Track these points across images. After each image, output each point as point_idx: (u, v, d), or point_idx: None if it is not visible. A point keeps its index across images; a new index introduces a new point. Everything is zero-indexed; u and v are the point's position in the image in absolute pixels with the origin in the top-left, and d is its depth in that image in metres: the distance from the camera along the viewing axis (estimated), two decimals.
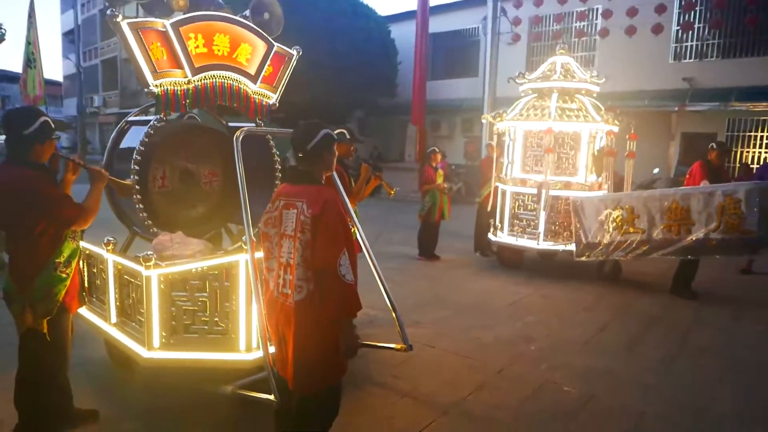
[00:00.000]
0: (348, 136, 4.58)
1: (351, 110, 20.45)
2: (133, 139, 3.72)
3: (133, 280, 3.31)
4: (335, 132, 4.57)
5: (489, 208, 7.74)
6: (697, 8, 14.14)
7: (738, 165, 12.91)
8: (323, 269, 2.24)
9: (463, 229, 9.18)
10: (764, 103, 13.20)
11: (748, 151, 14.42)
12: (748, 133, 14.45)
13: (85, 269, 3.71)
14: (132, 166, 3.48)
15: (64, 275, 2.75)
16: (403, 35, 19.62)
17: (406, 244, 8.46)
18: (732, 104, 13.72)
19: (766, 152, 14.12)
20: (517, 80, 7.66)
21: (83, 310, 3.66)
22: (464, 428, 3.20)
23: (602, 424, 3.30)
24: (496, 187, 7.66)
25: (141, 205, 3.52)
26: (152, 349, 3.15)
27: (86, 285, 3.73)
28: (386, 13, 21.19)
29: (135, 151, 3.50)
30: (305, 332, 2.30)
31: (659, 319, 5.43)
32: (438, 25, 19.70)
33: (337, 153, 4.47)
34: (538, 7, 14.04)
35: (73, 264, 2.82)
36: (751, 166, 13.35)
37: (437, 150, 7.94)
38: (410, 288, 6.28)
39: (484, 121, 8.54)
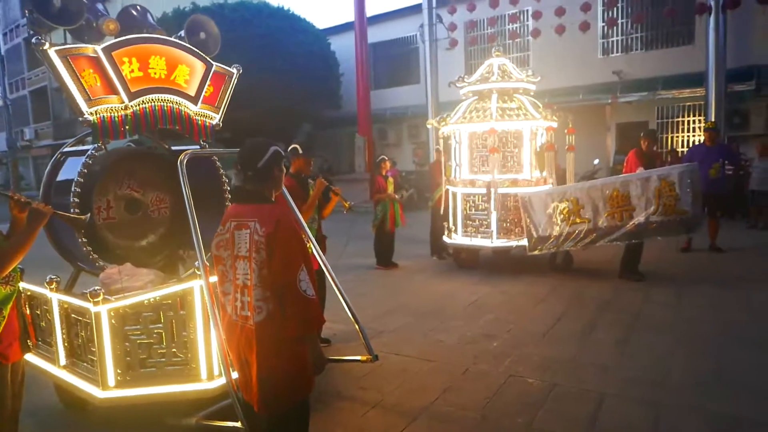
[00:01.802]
0: (300, 151, 4.57)
1: (298, 125, 20.37)
2: (71, 170, 3.57)
3: (81, 318, 3.17)
4: (289, 148, 4.58)
5: (442, 211, 7.87)
6: (619, 4, 14.95)
7: (669, 150, 13.64)
8: (283, 287, 2.21)
9: (418, 234, 9.27)
10: (688, 90, 14.04)
11: (678, 136, 15.27)
12: (676, 119, 15.32)
13: (28, 312, 3.51)
14: (71, 199, 3.34)
15: None
16: (344, 47, 19.76)
17: (363, 255, 8.46)
18: (659, 93, 14.52)
19: (693, 135, 15.00)
20: (457, 84, 7.84)
21: (29, 356, 3.46)
22: None
23: (567, 409, 3.40)
24: (447, 190, 7.80)
25: (85, 239, 3.38)
26: (107, 388, 3.02)
27: (32, 328, 3.53)
28: (324, 26, 21.26)
29: (74, 183, 3.37)
30: (268, 353, 2.26)
31: (611, 303, 5.65)
32: (377, 34, 19.96)
33: (293, 169, 4.48)
34: (471, 12, 14.49)
35: (5, 310, 2.56)
36: (680, 150, 14.17)
37: (386, 158, 8.01)
38: (371, 298, 6.28)
39: (429, 126, 8.68)
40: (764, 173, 9.78)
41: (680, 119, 15.26)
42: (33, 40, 3.09)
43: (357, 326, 3.50)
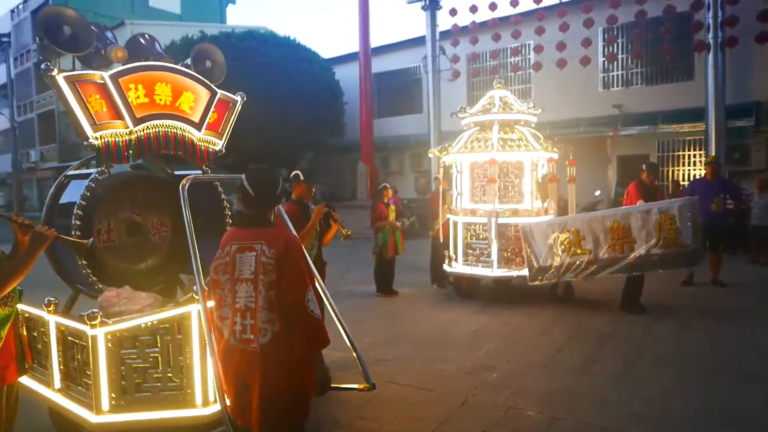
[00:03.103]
0: (302, 177, 4.61)
1: (301, 151, 20.56)
2: (74, 193, 3.60)
3: (77, 341, 3.14)
4: (291, 174, 4.63)
5: (442, 240, 7.87)
6: (619, 40, 15.24)
7: (670, 183, 13.69)
8: (291, 306, 2.24)
9: (419, 262, 9.25)
10: (688, 125, 14.18)
11: (678, 169, 15.36)
12: (676, 153, 15.44)
13: (25, 333, 3.49)
14: (73, 222, 3.36)
15: None
16: (348, 76, 20.09)
17: (363, 283, 8.43)
18: (660, 127, 14.67)
19: (693, 169, 15.08)
20: (459, 115, 7.94)
21: (24, 378, 3.43)
22: None
23: None
24: (448, 219, 7.81)
25: (84, 261, 3.39)
26: (101, 412, 2.98)
27: (29, 350, 3.50)
28: (329, 56, 21.69)
29: (76, 206, 3.39)
30: (273, 374, 2.27)
31: (612, 335, 5.60)
32: (381, 65, 20.32)
33: (295, 195, 4.52)
34: (474, 44, 14.79)
35: (3, 331, 2.58)
36: (681, 183, 14.23)
37: (388, 186, 8.06)
38: (370, 325, 6.24)
39: (431, 155, 8.76)
40: (764, 209, 9.79)
41: (681, 153, 15.38)
42: (42, 66, 3.16)
43: (355, 354, 3.45)
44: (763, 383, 4.21)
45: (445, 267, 7.81)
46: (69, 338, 3.22)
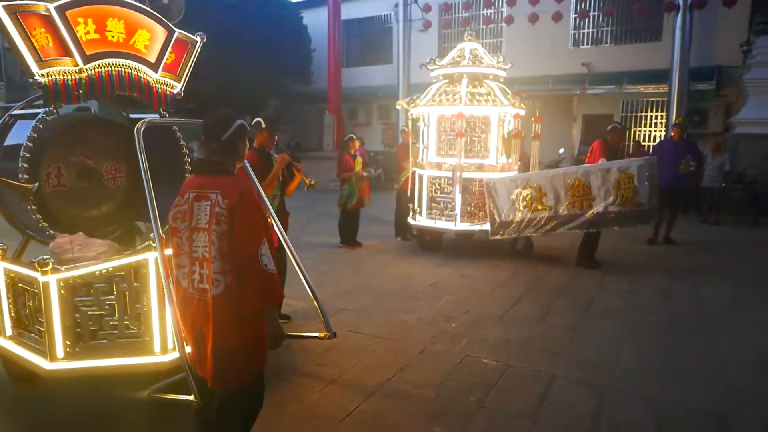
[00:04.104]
0: (264, 125, 4.48)
1: (266, 99, 19.94)
2: (20, 134, 3.41)
3: (29, 288, 3.06)
4: (253, 122, 4.49)
5: (408, 193, 7.89)
6: None
7: (632, 143, 13.98)
8: (244, 260, 2.19)
9: (383, 215, 9.30)
10: (653, 86, 14.36)
11: (640, 130, 15.67)
12: (640, 114, 15.70)
13: None
14: (20, 164, 3.19)
15: None
16: (316, 22, 19.35)
17: (327, 234, 8.44)
18: (625, 87, 14.83)
19: (655, 131, 15.42)
20: (428, 66, 7.81)
21: None
22: (390, 408, 3.27)
23: (518, 389, 3.50)
24: (414, 172, 7.81)
25: (34, 206, 3.25)
26: (56, 360, 2.94)
27: None
28: (298, 0, 20.77)
29: (23, 148, 3.22)
30: (225, 326, 2.24)
31: (567, 289, 5.82)
32: (351, 11, 19.62)
33: (257, 143, 4.39)
34: None
35: None
36: (643, 143, 14.56)
37: (354, 137, 7.95)
38: (333, 276, 6.28)
39: (398, 107, 8.64)
40: (716, 170, 10.18)
41: (644, 114, 15.65)
42: None
43: (316, 303, 3.49)
44: (706, 337, 4.47)
45: (409, 220, 7.87)
46: (20, 285, 3.14)
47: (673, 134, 8.42)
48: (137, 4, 3.50)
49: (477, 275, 6.38)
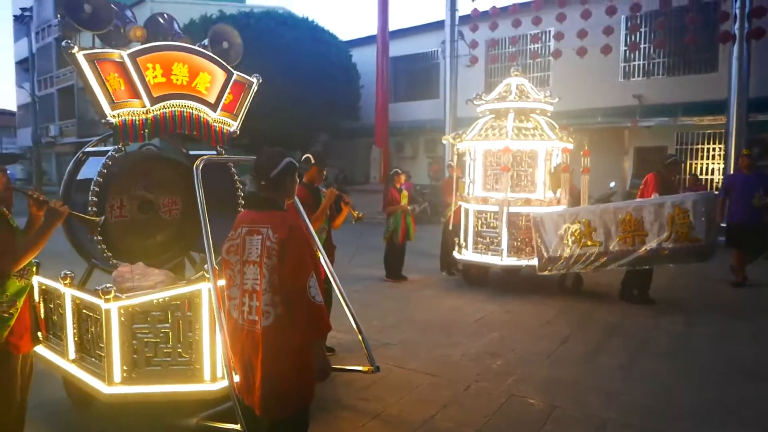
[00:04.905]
0: (313, 161, 4.63)
1: (315, 134, 20.59)
2: (91, 170, 3.69)
3: (92, 314, 3.25)
4: (302, 158, 4.66)
5: (452, 227, 7.88)
6: (642, 29, 14.94)
7: (687, 176, 13.49)
8: (293, 292, 2.27)
9: (429, 248, 9.29)
10: (709, 117, 13.92)
11: (696, 163, 15.13)
12: (695, 146, 15.19)
13: (42, 305, 3.61)
14: (90, 198, 3.44)
15: (6, 315, 2.58)
16: (365, 59, 19.97)
17: (373, 267, 8.50)
18: (680, 119, 14.42)
19: (712, 163, 14.84)
20: (474, 102, 7.89)
21: (40, 348, 3.55)
22: None
23: None
24: (460, 206, 7.82)
25: (99, 237, 3.47)
26: (113, 384, 3.09)
27: (42, 321, 3.62)
28: (347, 38, 21.56)
29: (93, 182, 3.47)
30: (274, 358, 2.31)
31: (618, 327, 5.60)
32: (398, 48, 20.15)
33: (306, 178, 4.55)
34: (493, 30, 14.58)
35: (19, 303, 2.64)
36: (700, 176, 14.02)
37: (400, 171, 8.07)
38: (378, 310, 6.30)
39: (445, 142, 8.72)
40: None
41: (699, 146, 15.13)
42: (63, 44, 3.21)
43: (360, 336, 3.53)
44: (766, 381, 4.20)
45: (455, 254, 7.83)
46: (84, 311, 3.32)
47: (741, 166, 7.86)
48: (200, 49, 3.78)
49: (523, 311, 6.25)
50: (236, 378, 2.63)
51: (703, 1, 11.78)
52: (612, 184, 12.62)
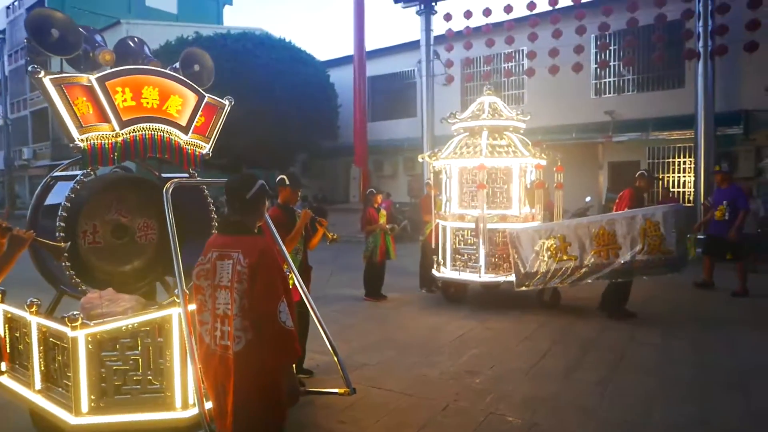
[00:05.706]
0: (287, 183, 4.61)
1: (294, 154, 20.57)
2: (59, 195, 3.62)
3: (59, 343, 3.16)
4: (277, 179, 4.64)
5: (432, 245, 7.90)
6: (612, 47, 15.38)
7: (660, 189, 13.79)
8: (263, 316, 2.25)
9: (409, 266, 9.29)
10: (678, 132, 14.30)
11: (668, 176, 15.48)
12: (667, 160, 15.57)
13: (7, 334, 3.51)
14: (58, 223, 3.37)
15: None
16: (342, 79, 20.13)
17: (353, 286, 8.45)
18: (651, 134, 14.80)
19: (683, 176, 15.21)
20: (448, 120, 7.99)
21: (4, 379, 3.44)
22: None
23: None
24: (437, 224, 7.85)
25: (68, 263, 3.40)
26: (80, 414, 2.99)
27: (7, 351, 3.51)
28: (324, 58, 21.73)
29: (60, 208, 3.41)
30: (246, 382, 2.29)
31: (596, 342, 5.65)
32: (375, 68, 20.36)
33: (281, 199, 4.53)
34: (468, 50, 14.87)
35: None
36: (672, 189, 14.35)
37: (375, 191, 8.07)
38: (357, 330, 6.26)
39: (421, 160, 8.80)
40: (749, 216, 9.88)
41: (671, 160, 15.52)
42: (29, 68, 3.17)
43: (336, 358, 3.49)
44: (743, 392, 4.26)
45: (434, 272, 7.84)
46: (50, 339, 3.24)
47: (716, 182, 8.50)
48: (171, 72, 3.76)
49: (502, 328, 6.26)
50: (208, 404, 2.58)
51: (668, 20, 12.17)
52: (588, 199, 12.85)
